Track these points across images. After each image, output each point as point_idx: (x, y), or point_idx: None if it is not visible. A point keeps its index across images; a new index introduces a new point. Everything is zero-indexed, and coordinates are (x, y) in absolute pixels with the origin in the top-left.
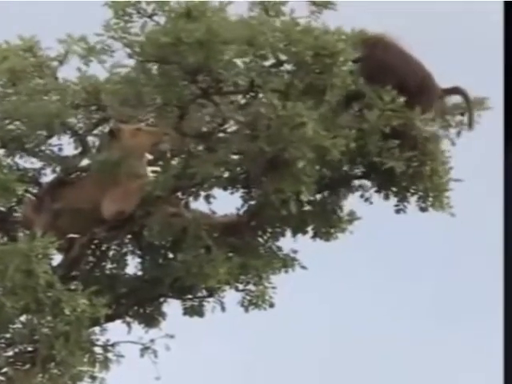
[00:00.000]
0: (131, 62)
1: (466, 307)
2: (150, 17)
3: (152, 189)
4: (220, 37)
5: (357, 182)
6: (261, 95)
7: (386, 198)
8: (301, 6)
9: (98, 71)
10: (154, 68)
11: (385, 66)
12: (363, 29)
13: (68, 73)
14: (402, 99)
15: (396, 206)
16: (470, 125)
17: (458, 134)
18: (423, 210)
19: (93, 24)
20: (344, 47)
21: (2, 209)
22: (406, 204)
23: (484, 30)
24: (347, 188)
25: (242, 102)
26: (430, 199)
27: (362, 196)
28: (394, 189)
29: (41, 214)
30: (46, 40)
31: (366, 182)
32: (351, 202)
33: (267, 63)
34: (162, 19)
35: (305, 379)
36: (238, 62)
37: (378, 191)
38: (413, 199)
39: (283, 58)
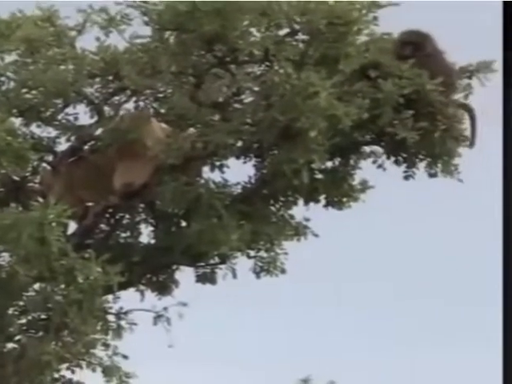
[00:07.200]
0: (149, 32)
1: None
2: None
3: (165, 157)
4: (236, 5)
5: (367, 149)
6: (275, 65)
7: (397, 163)
8: None
9: (115, 41)
10: (171, 37)
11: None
12: None
13: (87, 43)
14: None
15: (405, 172)
16: (472, 143)
17: (466, 97)
18: (432, 175)
19: None
20: (358, 16)
21: (17, 178)
22: (414, 170)
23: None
24: (358, 155)
25: (258, 72)
26: (439, 165)
27: (374, 162)
28: (404, 155)
29: (57, 180)
30: (65, 8)
31: (377, 148)
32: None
33: (282, 32)
34: None
35: (318, 343)
36: (254, 31)
37: (388, 157)
38: (421, 165)
39: (297, 27)
